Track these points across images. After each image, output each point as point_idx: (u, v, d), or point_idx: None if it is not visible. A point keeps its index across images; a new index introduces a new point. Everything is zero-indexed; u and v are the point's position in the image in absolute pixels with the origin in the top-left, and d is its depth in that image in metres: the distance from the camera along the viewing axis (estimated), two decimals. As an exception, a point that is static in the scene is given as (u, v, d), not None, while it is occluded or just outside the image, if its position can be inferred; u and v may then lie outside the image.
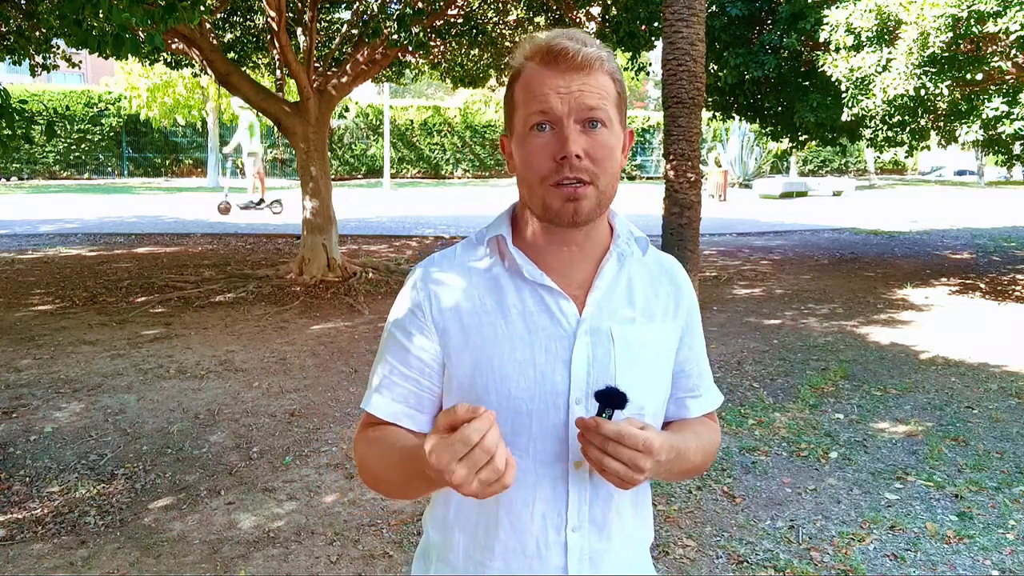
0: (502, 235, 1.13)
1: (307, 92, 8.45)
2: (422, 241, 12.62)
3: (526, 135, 1.06)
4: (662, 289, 1.18)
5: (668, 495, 3.57)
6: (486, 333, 1.08)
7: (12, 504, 3.43)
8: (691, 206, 7.00)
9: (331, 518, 3.32)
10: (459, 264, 1.14)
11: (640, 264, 1.18)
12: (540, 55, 1.06)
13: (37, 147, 25.22)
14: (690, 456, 1.12)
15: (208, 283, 8.55)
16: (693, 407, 1.23)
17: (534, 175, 1.06)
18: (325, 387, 5.09)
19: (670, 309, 1.18)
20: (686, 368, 1.21)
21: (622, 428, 0.97)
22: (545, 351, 1.08)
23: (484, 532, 1.12)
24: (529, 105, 1.05)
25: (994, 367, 5.66)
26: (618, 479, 0.99)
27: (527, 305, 1.09)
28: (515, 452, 1.07)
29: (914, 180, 35.04)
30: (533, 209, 1.10)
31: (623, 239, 1.15)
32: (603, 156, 1.05)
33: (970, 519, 3.35)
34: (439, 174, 30.22)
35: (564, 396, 1.07)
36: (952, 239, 13.80)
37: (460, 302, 1.10)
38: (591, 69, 1.04)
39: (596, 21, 9.50)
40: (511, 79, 1.11)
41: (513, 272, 1.11)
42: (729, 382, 5.31)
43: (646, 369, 1.12)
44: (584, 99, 1.03)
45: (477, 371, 1.08)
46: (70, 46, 7.78)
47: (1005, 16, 6.47)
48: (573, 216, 1.05)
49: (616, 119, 1.07)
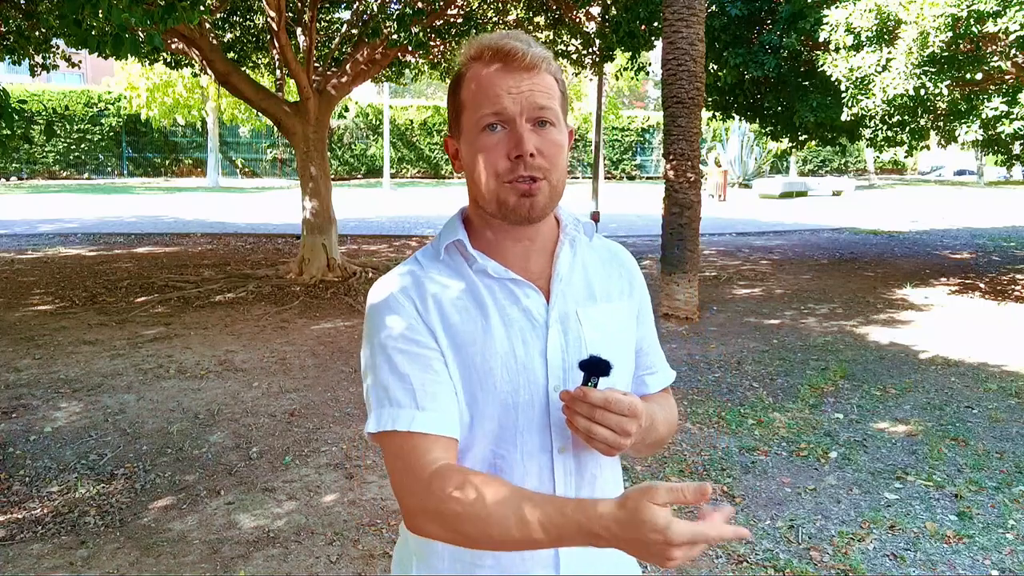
0: (459, 239, 1.13)
1: (307, 92, 8.45)
2: (422, 241, 12.62)
3: (477, 135, 1.08)
4: (614, 271, 1.22)
5: (668, 495, 3.56)
6: (469, 331, 1.10)
7: (12, 504, 3.43)
8: (691, 206, 7.01)
9: (331, 518, 3.32)
10: (427, 273, 1.12)
11: (590, 249, 1.21)
12: (488, 56, 1.08)
13: (37, 147, 25.23)
14: (659, 427, 1.16)
15: (208, 283, 8.55)
16: (651, 383, 1.28)
17: (488, 173, 1.07)
18: (325, 387, 5.09)
19: (624, 290, 1.22)
20: (643, 346, 1.26)
21: (608, 394, 0.99)
22: (523, 343, 1.10)
23: None
24: (480, 106, 1.07)
25: (994, 367, 5.66)
26: (606, 446, 1.01)
27: (499, 300, 1.11)
28: (503, 447, 1.09)
29: (914, 180, 35.06)
30: (487, 207, 1.11)
31: (571, 226, 1.18)
32: (554, 153, 1.07)
33: (970, 519, 3.35)
34: (439, 174, 30.22)
35: (543, 385, 1.09)
36: (952, 239, 13.80)
37: (443, 305, 1.10)
38: (538, 69, 1.07)
39: (596, 21, 9.50)
40: (455, 80, 1.12)
41: (478, 271, 1.13)
42: (729, 382, 5.31)
43: (614, 348, 1.14)
44: (535, 99, 1.06)
45: (463, 371, 1.08)
46: (70, 46, 7.78)
47: (1005, 16, 6.47)
48: (529, 211, 1.07)
49: (562, 118, 1.11)
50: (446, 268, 1.14)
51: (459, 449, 1.09)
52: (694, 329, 6.80)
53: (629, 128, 33.15)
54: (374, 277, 8.91)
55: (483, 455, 1.10)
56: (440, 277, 1.12)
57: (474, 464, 1.10)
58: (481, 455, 1.10)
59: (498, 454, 1.09)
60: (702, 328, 6.84)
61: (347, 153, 29.48)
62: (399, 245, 12.19)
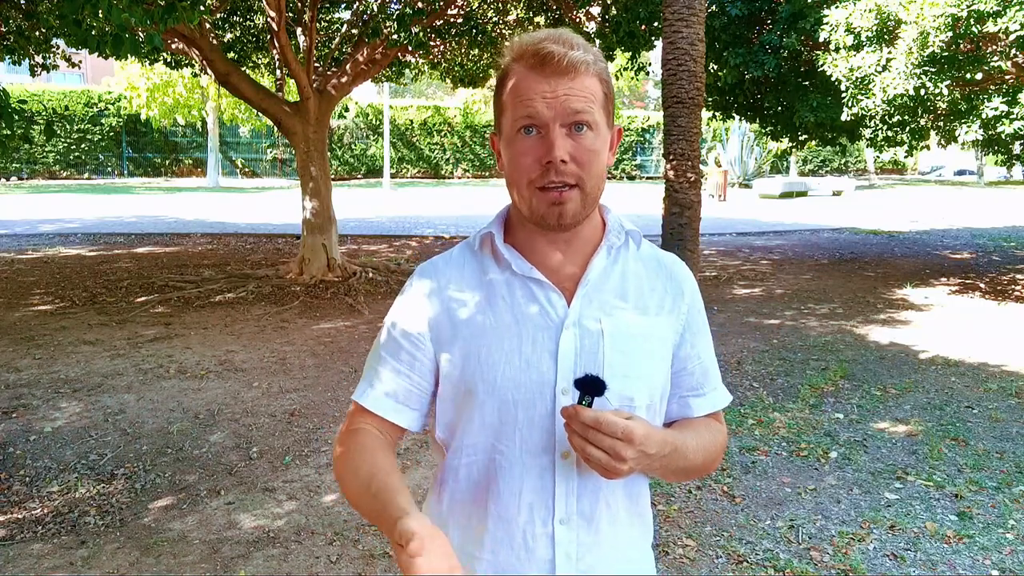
0: (492, 232, 1.16)
1: (307, 92, 8.45)
2: (422, 241, 12.62)
3: (513, 137, 1.08)
4: (659, 284, 1.19)
5: (668, 495, 3.57)
6: (475, 325, 1.11)
7: (12, 504, 3.43)
8: (691, 206, 7.00)
9: (331, 518, 3.32)
10: (454, 263, 1.18)
11: (635, 258, 1.19)
12: (527, 58, 1.07)
13: (37, 147, 25.24)
14: (688, 454, 1.12)
15: (208, 283, 8.55)
16: (696, 406, 1.22)
17: (521, 178, 1.08)
18: (325, 387, 5.09)
19: (666, 304, 1.18)
20: (688, 366, 1.20)
21: (600, 415, 0.98)
22: (532, 341, 1.10)
23: (476, 524, 1.13)
24: (516, 109, 1.07)
25: (994, 367, 5.66)
26: (601, 468, 1.00)
27: (516, 298, 1.12)
28: (503, 442, 1.10)
29: (914, 180, 35.05)
30: (522, 209, 1.12)
31: (614, 233, 1.17)
32: (588, 160, 1.07)
33: (970, 519, 3.35)
34: (439, 174, 30.23)
35: (551, 386, 1.09)
36: (952, 239, 13.80)
37: (453, 298, 1.14)
38: (576, 73, 1.05)
39: (596, 21, 9.50)
40: (500, 79, 1.13)
41: (504, 268, 1.14)
42: (729, 382, 5.31)
43: (635, 360, 1.12)
44: (570, 103, 1.05)
45: (466, 363, 1.11)
46: (70, 46, 7.78)
47: (1005, 16, 6.47)
48: (559, 219, 1.08)
49: (603, 120, 1.09)
50: (475, 260, 1.17)
51: (457, 438, 1.14)
52: (694, 329, 6.79)
53: (629, 128, 33.15)
54: (374, 277, 8.91)
55: (483, 446, 1.12)
56: (467, 269, 1.17)
57: (475, 453, 1.13)
58: (482, 446, 1.12)
59: (497, 448, 1.11)
60: (702, 328, 6.84)
61: (347, 153, 29.48)
62: (399, 245, 12.19)
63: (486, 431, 1.11)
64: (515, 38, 1.12)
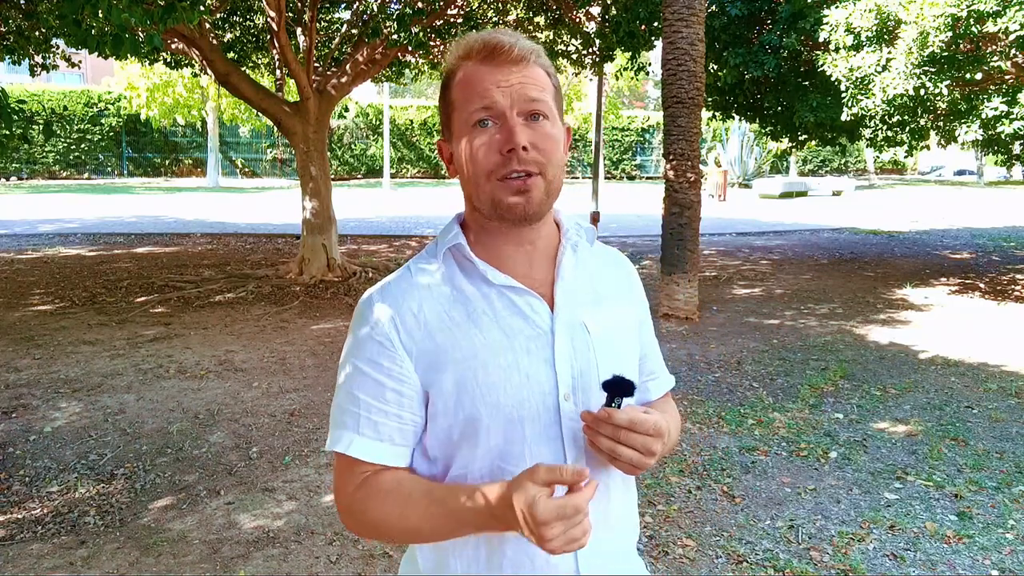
0: (459, 243, 1.09)
1: (307, 92, 8.45)
2: (422, 241, 12.62)
3: (468, 132, 1.04)
4: (616, 275, 1.20)
5: (668, 495, 3.57)
6: (463, 347, 1.04)
7: (12, 504, 3.43)
8: (691, 206, 7.01)
9: (331, 518, 3.32)
10: (415, 284, 1.09)
11: (591, 254, 1.18)
12: (475, 53, 1.05)
13: (37, 147, 25.24)
14: (672, 437, 1.15)
15: (208, 283, 8.55)
16: (654, 389, 1.27)
17: (480, 171, 1.04)
18: (325, 387, 5.09)
19: (625, 294, 1.20)
20: (645, 351, 1.24)
21: (633, 415, 0.98)
22: (527, 352, 1.05)
23: (487, 553, 1.07)
24: (470, 102, 1.04)
25: (994, 367, 5.66)
26: (630, 466, 0.99)
27: (497, 310, 1.06)
28: (513, 462, 1.04)
29: (914, 180, 35.05)
30: (482, 208, 1.07)
31: (572, 231, 1.15)
32: (550, 147, 1.04)
33: (970, 519, 3.35)
34: (439, 174, 30.21)
35: (553, 395, 1.05)
36: (952, 239, 13.80)
37: (428, 321, 1.05)
38: (527, 62, 1.04)
39: (596, 21, 9.50)
40: (445, 80, 1.09)
41: (475, 279, 1.08)
42: (729, 382, 5.31)
43: (621, 353, 1.13)
44: (525, 91, 1.03)
45: (462, 388, 1.03)
46: (70, 46, 7.77)
47: (1004, 16, 6.47)
48: (524, 208, 1.03)
49: (556, 112, 1.07)
50: (441, 277, 1.09)
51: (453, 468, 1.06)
52: (694, 329, 6.80)
53: (629, 128, 33.16)
54: (374, 277, 8.92)
55: (488, 469, 1.05)
56: (434, 288, 1.08)
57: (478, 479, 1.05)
58: (487, 469, 1.05)
59: (505, 470, 1.04)
60: (702, 328, 6.84)
61: (347, 153, 29.48)
62: (399, 245, 12.19)
63: (491, 454, 1.05)
64: (456, 40, 1.10)
